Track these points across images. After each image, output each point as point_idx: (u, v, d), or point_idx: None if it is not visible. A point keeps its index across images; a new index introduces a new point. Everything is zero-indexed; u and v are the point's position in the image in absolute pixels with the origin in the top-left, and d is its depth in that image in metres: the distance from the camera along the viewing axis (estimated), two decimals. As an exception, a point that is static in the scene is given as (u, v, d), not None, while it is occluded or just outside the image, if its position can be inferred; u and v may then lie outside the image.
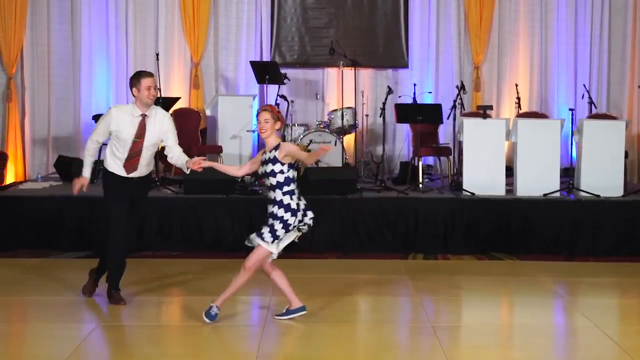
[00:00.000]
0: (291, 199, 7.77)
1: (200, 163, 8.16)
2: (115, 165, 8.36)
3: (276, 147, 7.83)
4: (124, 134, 8.27)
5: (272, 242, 7.78)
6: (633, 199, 11.77)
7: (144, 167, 8.44)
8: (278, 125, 7.95)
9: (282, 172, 7.77)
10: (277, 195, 7.77)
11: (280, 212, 7.73)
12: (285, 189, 7.78)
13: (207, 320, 7.84)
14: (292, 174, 7.83)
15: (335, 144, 13.16)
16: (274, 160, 7.78)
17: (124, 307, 8.37)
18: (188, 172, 8.56)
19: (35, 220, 11.29)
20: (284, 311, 8.11)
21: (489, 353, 7.38)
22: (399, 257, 11.14)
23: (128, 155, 8.30)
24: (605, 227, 11.43)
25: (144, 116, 8.28)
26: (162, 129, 8.38)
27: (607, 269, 10.73)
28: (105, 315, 8.25)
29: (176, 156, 8.44)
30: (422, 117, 12.71)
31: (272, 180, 7.78)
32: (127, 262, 8.54)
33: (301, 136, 13.30)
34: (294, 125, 13.73)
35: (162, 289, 9.14)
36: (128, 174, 8.34)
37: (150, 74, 8.33)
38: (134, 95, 8.31)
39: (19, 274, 10.03)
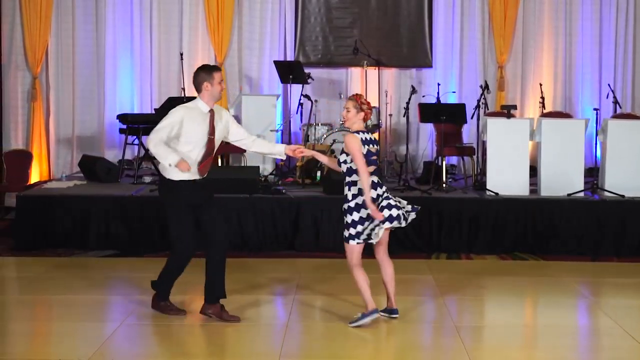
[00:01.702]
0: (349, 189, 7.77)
1: (302, 151, 8.08)
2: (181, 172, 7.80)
3: None
4: (197, 133, 7.82)
5: (353, 238, 7.80)
6: (658, 199, 11.73)
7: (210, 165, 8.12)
8: (361, 115, 7.84)
9: (345, 162, 7.77)
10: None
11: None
12: (347, 179, 7.78)
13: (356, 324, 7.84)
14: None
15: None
16: (343, 149, 7.81)
17: (148, 307, 8.39)
18: (284, 158, 8.31)
19: (60, 219, 11.35)
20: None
21: (512, 353, 7.37)
22: (422, 256, 11.13)
23: (203, 155, 7.88)
24: (630, 228, 11.37)
25: (212, 111, 7.93)
26: (226, 123, 8.09)
27: (632, 270, 10.68)
28: (129, 314, 8.28)
29: (263, 143, 8.33)
30: (445, 116, 12.68)
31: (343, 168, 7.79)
32: (149, 261, 8.56)
33: (325, 136, 13.32)
34: (318, 124, 13.73)
35: (184, 289, 9.16)
36: (202, 175, 7.94)
37: (220, 68, 8.06)
38: (199, 91, 7.91)
39: (44, 272, 10.10)
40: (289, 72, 13.75)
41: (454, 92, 15.00)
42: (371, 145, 7.79)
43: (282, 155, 8.26)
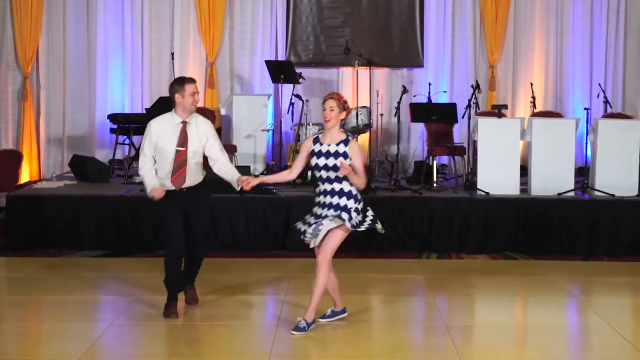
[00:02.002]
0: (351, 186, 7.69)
1: (250, 182, 7.86)
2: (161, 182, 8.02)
3: (345, 142, 7.69)
4: (166, 145, 7.97)
5: (358, 225, 7.72)
6: (648, 199, 11.76)
7: (194, 176, 8.13)
8: (343, 115, 7.79)
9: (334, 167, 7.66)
10: (345, 186, 7.65)
11: (351, 202, 7.65)
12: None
13: (296, 333, 7.68)
14: None
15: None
16: (344, 155, 7.63)
17: (138, 307, 8.39)
18: (238, 189, 8.10)
19: (51, 219, 11.34)
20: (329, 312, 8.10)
21: (503, 353, 7.38)
22: (413, 256, 11.15)
23: (173, 168, 7.97)
24: (620, 227, 11.41)
25: (184, 123, 7.98)
26: (205, 135, 8.09)
27: (622, 269, 10.71)
28: (119, 314, 8.28)
29: (224, 169, 8.18)
30: (436, 116, 12.69)
31: (338, 173, 7.61)
32: (143, 261, 8.56)
33: (316, 135, 13.29)
34: (309, 124, 13.72)
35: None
36: (178, 187, 8.00)
37: (193, 80, 8.08)
38: (173, 103, 8.03)
39: (34, 272, 10.09)
40: (280, 71, 13.75)
41: (445, 91, 15.02)
42: None
43: (235, 185, 8.04)
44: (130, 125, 13.41)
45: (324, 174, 7.69)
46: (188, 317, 8.23)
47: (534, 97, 14.42)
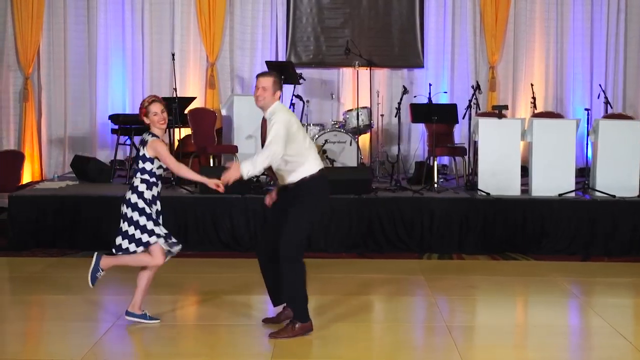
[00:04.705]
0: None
1: (218, 184, 7.51)
2: None
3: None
4: None
5: None
6: (649, 199, 11.78)
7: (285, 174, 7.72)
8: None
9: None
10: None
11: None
12: None
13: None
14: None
15: (351, 144, 13.23)
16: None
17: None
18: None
19: (52, 219, 11.38)
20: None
21: (504, 352, 7.41)
22: (413, 256, 11.17)
23: None
24: (621, 227, 11.43)
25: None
26: None
27: (622, 269, 10.73)
28: (120, 314, 8.29)
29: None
30: (437, 117, 12.71)
31: None
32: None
33: (317, 136, 13.34)
34: (310, 125, 13.75)
35: (178, 289, 9.20)
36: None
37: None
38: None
39: (36, 272, 10.11)
40: (281, 72, 13.74)
41: (446, 92, 15.04)
42: None
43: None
44: (131, 125, 13.44)
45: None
46: (189, 318, 8.25)
47: (534, 98, 14.43)
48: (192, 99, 13.96)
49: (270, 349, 7.28)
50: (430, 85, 14.60)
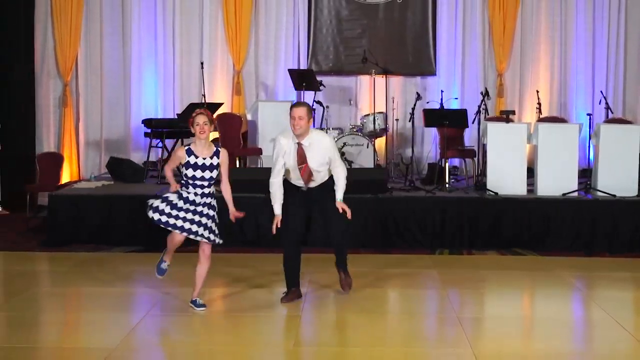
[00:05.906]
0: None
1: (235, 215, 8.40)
2: None
3: (217, 154, 8.07)
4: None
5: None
6: (648, 199, 11.70)
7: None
8: (211, 128, 8.03)
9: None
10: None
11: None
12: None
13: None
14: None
15: (368, 147, 13.19)
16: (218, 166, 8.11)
17: (170, 299, 8.41)
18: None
19: (89, 217, 11.39)
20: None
21: (512, 343, 7.36)
22: (426, 252, 11.13)
23: None
24: (621, 225, 11.35)
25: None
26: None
27: (623, 265, 10.66)
28: (153, 306, 8.29)
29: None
30: (448, 121, 12.67)
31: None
32: (175, 257, 8.52)
33: (336, 139, 13.30)
34: (329, 129, 13.72)
35: (205, 281, 9.18)
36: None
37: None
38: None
39: (74, 267, 10.12)
40: (302, 79, 13.75)
41: (456, 98, 14.98)
42: None
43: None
44: (163, 129, 13.49)
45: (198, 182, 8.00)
46: (216, 309, 8.24)
47: (539, 104, 14.37)
48: (220, 104, 13.95)
49: (293, 338, 7.26)
50: (442, 91, 14.54)
